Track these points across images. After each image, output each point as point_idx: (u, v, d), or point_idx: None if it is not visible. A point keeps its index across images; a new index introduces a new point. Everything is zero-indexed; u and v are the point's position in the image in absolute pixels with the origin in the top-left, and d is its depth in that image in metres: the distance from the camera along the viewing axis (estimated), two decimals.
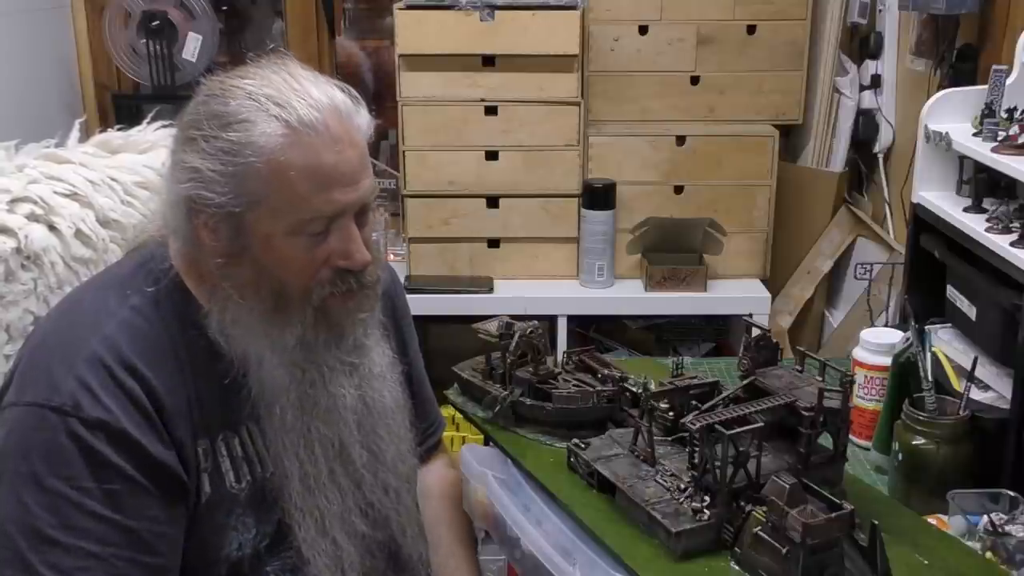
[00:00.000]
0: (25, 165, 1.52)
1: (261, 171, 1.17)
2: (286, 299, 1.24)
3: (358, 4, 3.50)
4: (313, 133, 1.18)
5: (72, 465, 1.15)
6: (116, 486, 1.16)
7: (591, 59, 2.86)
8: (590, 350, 1.69)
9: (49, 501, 1.14)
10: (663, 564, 1.23)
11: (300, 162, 1.18)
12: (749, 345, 1.46)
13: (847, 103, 2.90)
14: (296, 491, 1.28)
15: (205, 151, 1.19)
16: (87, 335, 1.20)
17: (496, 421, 1.58)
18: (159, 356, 1.22)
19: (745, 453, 1.25)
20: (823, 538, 1.13)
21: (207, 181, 1.19)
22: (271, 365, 1.26)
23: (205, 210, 1.20)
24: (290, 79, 1.21)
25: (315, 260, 1.23)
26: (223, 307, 1.25)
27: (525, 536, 1.36)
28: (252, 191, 1.18)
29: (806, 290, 2.98)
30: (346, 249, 1.24)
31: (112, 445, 1.16)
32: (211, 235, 1.22)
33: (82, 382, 1.17)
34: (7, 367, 1.37)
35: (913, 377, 1.52)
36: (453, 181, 2.77)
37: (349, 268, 1.24)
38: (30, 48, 2.88)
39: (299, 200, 1.19)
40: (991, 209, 1.61)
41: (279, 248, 1.21)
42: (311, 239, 1.22)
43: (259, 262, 1.22)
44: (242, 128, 1.18)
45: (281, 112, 1.18)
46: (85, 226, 1.48)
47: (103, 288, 1.28)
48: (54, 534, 1.14)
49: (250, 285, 1.23)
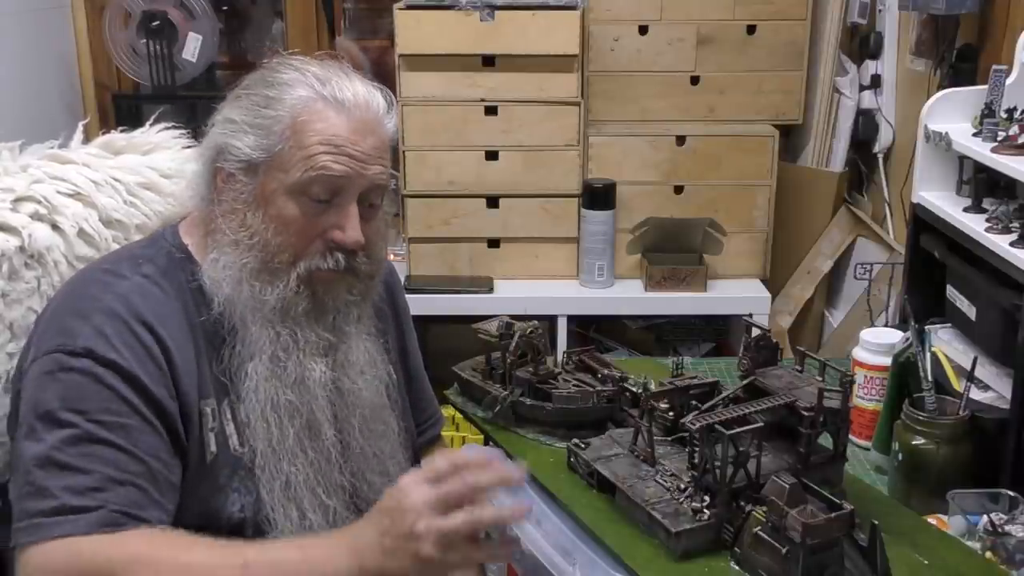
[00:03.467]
0: (29, 165, 1.52)
1: (284, 126, 1.28)
2: (276, 259, 1.30)
3: (358, 4, 3.50)
4: (340, 108, 1.29)
5: (87, 400, 1.20)
6: (130, 421, 1.21)
7: (591, 59, 2.86)
8: (590, 350, 1.69)
9: (66, 433, 1.18)
10: (663, 564, 1.23)
11: (319, 126, 1.27)
12: (749, 345, 1.47)
13: (847, 103, 2.91)
14: (262, 453, 1.30)
15: (243, 105, 1.31)
16: (101, 294, 1.27)
17: (496, 421, 1.59)
18: (170, 316, 1.28)
19: (745, 453, 1.25)
20: (823, 538, 1.14)
21: (237, 131, 1.30)
22: (251, 322, 1.30)
23: (229, 158, 1.30)
24: (340, 72, 1.33)
25: (312, 227, 1.29)
26: (217, 257, 1.31)
27: (525, 536, 1.36)
28: (271, 144, 1.28)
29: (806, 290, 2.99)
30: (342, 224, 1.29)
31: (125, 384, 1.21)
32: (226, 184, 1.31)
33: (97, 329, 1.23)
34: (10, 365, 1.38)
35: (913, 377, 1.52)
36: (453, 181, 2.77)
37: (340, 244, 1.29)
38: (30, 48, 2.89)
39: (308, 159, 1.27)
40: (991, 209, 1.61)
41: (281, 205, 1.28)
42: (312, 205, 1.28)
43: (260, 216, 1.29)
44: (281, 89, 1.30)
45: (318, 85, 1.30)
46: (88, 226, 1.49)
47: (115, 261, 1.35)
48: (70, 460, 1.17)
49: (246, 237, 1.29)
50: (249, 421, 1.31)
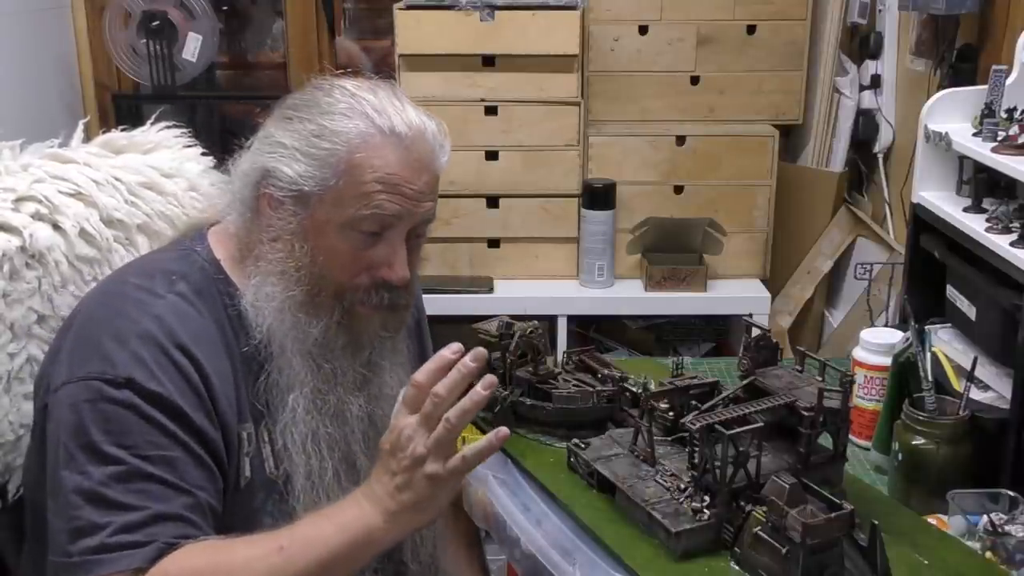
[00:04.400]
0: (30, 164, 1.52)
1: (341, 160, 1.25)
2: (320, 292, 1.29)
3: (358, 4, 3.50)
4: (397, 143, 1.26)
5: (131, 434, 1.18)
6: (175, 454, 1.20)
7: (591, 59, 2.86)
8: (590, 350, 1.69)
9: (112, 470, 1.17)
10: (663, 564, 1.23)
11: (378, 163, 1.25)
12: (749, 345, 1.47)
13: (847, 103, 2.91)
14: (301, 486, 1.31)
15: (296, 130, 1.28)
16: (137, 315, 1.24)
17: (496, 421, 1.59)
18: (206, 338, 1.27)
19: (745, 453, 1.25)
20: (823, 538, 1.13)
21: (288, 157, 1.27)
22: (291, 352, 1.29)
23: (276, 183, 1.27)
24: (393, 97, 1.30)
25: (359, 261, 1.28)
26: (260, 284, 1.30)
27: (525, 536, 1.36)
28: (326, 176, 1.25)
29: (806, 290, 2.99)
30: (391, 260, 1.29)
31: (168, 416, 1.20)
32: (273, 209, 1.29)
33: (136, 356, 1.21)
34: (10, 365, 1.39)
35: (913, 377, 1.52)
36: (453, 181, 2.77)
37: (387, 280, 1.29)
38: (30, 48, 2.88)
39: (364, 196, 1.25)
40: (991, 209, 1.61)
41: (331, 238, 1.27)
42: (362, 239, 1.27)
43: (307, 248, 1.28)
44: (337, 118, 1.26)
45: (376, 116, 1.26)
46: (89, 225, 1.49)
47: (147, 274, 1.32)
48: (119, 497, 1.16)
49: (291, 268, 1.28)
50: (287, 449, 1.31)
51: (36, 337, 1.42)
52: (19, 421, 1.41)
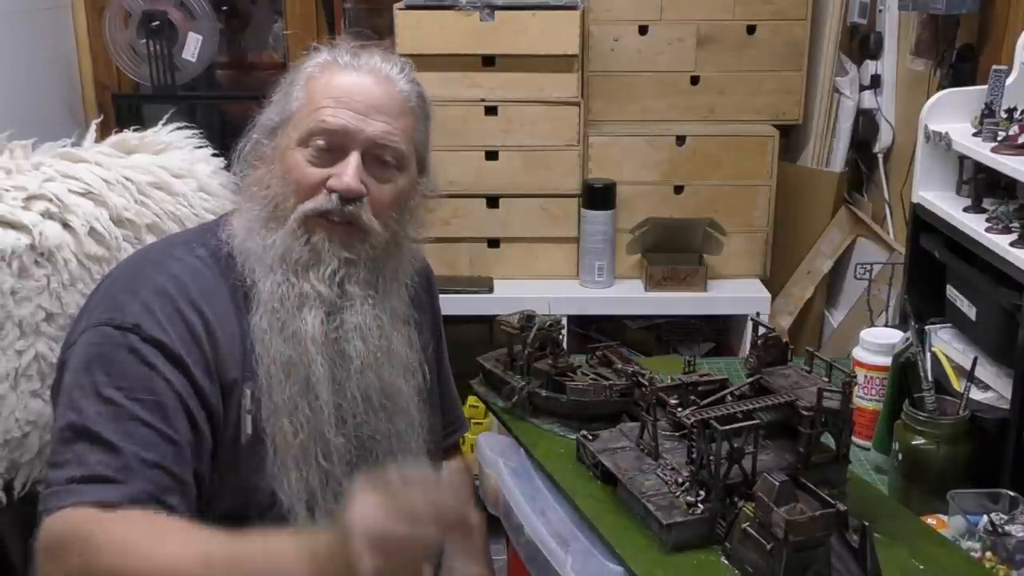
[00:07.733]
0: (41, 163, 1.53)
1: (300, 88, 1.39)
2: (281, 208, 1.35)
3: (358, 4, 3.50)
4: (347, 67, 1.38)
5: (129, 376, 1.24)
6: (167, 401, 1.24)
7: (591, 59, 2.86)
8: (613, 346, 1.72)
9: (107, 410, 1.22)
10: (654, 555, 1.25)
11: (324, 79, 1.37)
12: (756, 344, 1.47)
13: (847, 103, 2.91)
14: (266, 404, 1.33)
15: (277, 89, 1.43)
16: (154, 273, 1.32)
17: (514, 411, 1.61)
18: (218, 297, 1.33)
19: (740, 450, 1.26)
20: (806, 536, 1.14)
21: (267, 110, 1.42)
22: (259, 275, 1.34)
23: (259, 132, 1.40)
24: (366, 48, 1.42)
25: (313, 176, 1.34)
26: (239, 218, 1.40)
27: (526, 523, 1.39)
28: (288, 107, 1.38)
29: (806, 290, 2.99)
30: (339, 171, 1.34)
31: (168, 363, 1.25)
32: (256, 157, 1.40)
33: (146, 306, 1.28)
34: (18, 362, 1.40)
35: (913, 377, 1.52)
36: (453, 181, 2.77)
37: (335, 188, 1.33)
38: (30, 48, 2.88)
39: (314, 112, 1.35)
40: (991, 209, 1.61)
41: (288, 158, 1.36)
42: (315, 156, 1.34)
43: (273, 169, 1.37)
44: (305, 62, 1.41)
45: (334, 51, 1.40)
46: (99, 224, 1.50)
47: (169, 243, 1.43)
48: (107, 435, 1.21)
49: (259, 192, 1.37)
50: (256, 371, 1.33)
51: (44, 335, 1.43)
52: (26, 418, 1.42)
